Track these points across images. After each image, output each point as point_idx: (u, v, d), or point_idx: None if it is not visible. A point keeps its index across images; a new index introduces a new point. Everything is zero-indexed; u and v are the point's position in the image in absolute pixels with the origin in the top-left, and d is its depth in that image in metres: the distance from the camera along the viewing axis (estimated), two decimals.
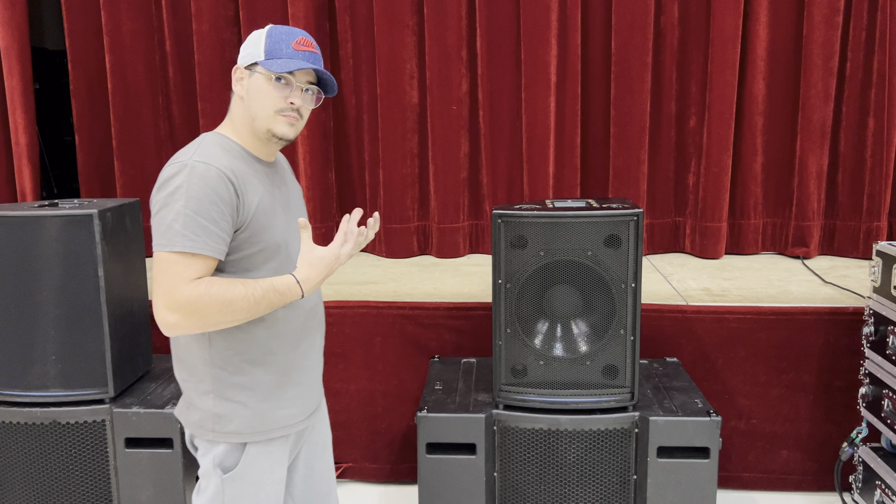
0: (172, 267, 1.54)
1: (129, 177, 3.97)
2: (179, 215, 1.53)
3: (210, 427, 1.71)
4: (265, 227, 1.65)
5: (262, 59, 1.64)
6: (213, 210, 1.54)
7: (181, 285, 1.53)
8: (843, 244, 3.79)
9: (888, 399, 2.53)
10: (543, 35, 3.68)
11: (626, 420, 2.43)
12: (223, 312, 1.55)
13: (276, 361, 1.72)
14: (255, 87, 1.65)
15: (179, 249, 1.53)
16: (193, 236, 1.53)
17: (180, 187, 1.54)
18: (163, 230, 1.55)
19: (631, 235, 2.33)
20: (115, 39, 3.85)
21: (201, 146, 1.62)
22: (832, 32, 3.58)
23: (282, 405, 1.74)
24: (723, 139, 3.69)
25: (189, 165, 1.56)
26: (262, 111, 1.65)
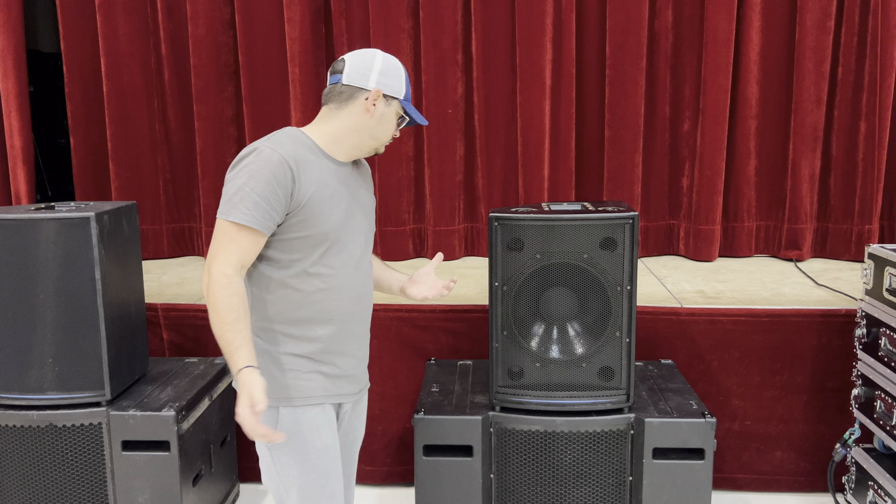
0: (225, 234, 1.74)
1: (125, 179, 3.97)
2: (240, 191, 1.73)
3: None
4: (317, 215, 1.80)
5: (402, 98, 1.90)
6: (268, 190, 1.72)
7: (222, 254, 1.74)
8: (835, 247, 3.82)
9: (881, 400, 2.56)
10: (538, 39, 3.70)
11: (622, 422, 2.44)
12: (212, 311, 1.73)
13: (308, 340, 1.86)
14: (385, 116, 1.88)
15: (233, 219, 1.73)
16: (246, 210, 1.72)
17: (246, 166, 1.74)
18: (224, 200, 1.75)
19: (626, 238, 2.34)
20: (110, 42, 3.86)
21: (275, 135, 1.83)
22: (824, 37, 3.62)
23: (307, 377, 1.86)
24: (716, 142, 3.72)
25: (258, 149, 1.76)
26: (383, 137, 1.91)
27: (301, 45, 3.76)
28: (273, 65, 3.86)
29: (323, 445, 1.87)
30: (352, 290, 1.91)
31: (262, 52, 3.85)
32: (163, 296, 3.30)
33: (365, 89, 1.84)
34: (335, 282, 1.86)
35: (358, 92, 1.85)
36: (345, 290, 1.89)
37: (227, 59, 3.90)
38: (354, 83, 1.84)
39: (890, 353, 2.50)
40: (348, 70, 1.85)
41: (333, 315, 1.88)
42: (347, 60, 1.87)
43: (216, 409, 2.85)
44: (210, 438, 2.79)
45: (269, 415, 1.83)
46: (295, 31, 3.75)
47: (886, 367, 2.52)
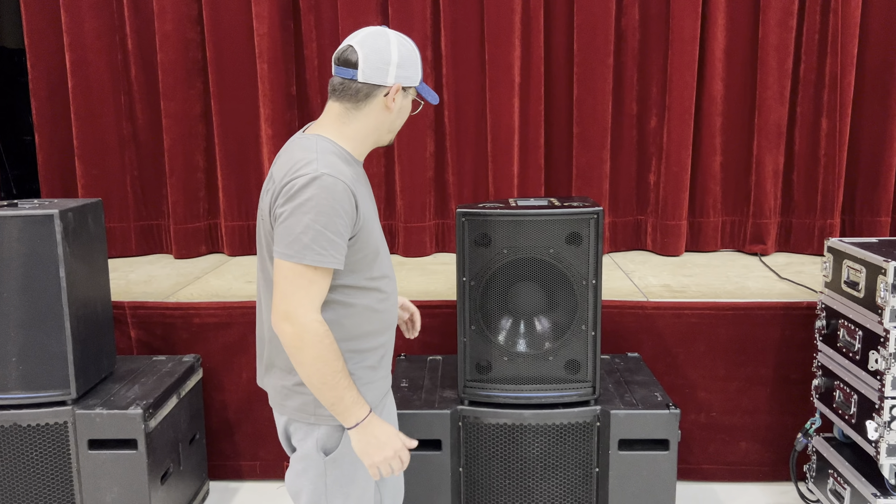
0: (299, 278, 1.62)
1: (91, 177, 3.93)
2: (309, 229, 1.60)
3: (312, 411, 1.76)
4: (369, 233, 1.75)
5: (417, 84, 1.80)
6: (339, 223, 1.62)
7: (303, 300, 1.62)
8: (798, 241, 3.90)
9: (839, 390, 2.62)
10: (507, 36, 3.73)
11: (588, 414, 2.48)
12: (318, 362, 1.64)
13: (374, 350, 1.82)
14: (405, 107, 1.81)
15: (309, 263, 1.61)
16: (321, 250, 1.61)
17: (310, 200, 1.60)
18: (291, 240, 1.61)
19: (591, 233, 2.37)
20: (75, 38, 3.81)
21: (322, 154, 1.67)
22: (786, 35, 3.69)
23: (373, 388, 1.83)
24: (682, 139, 3.78)
25: (319, 178, 1.61)
26: (395, 127, 1.82)
27: (269, 42, 3.75)
28: (241, 61, 3.84)
29: None
30: (395, 294, 1.91)
31: (231, 49, 3.83)
32: (130, 294, 3.27)
33: (385, 86, 1.74)
34: (389, 288, 1.85)
35: (376, 90, 1.73)
36: (394, 296, 1.89)
37: (194, 55, 3.88)
38: (372, 80, 1.72)
39: (848, 343, 2.56)
40: (364, 66, 1.70)
41: (391, 320, 1.88)
42: (360, 52, 1.71)
43: (185, 407, 2.84)
44: (178, 436, 2.78)
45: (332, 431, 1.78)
46: (263, 27, 3.73)
47: (844, 357, 2.58)
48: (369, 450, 1.71)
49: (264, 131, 3.85)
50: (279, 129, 3.83)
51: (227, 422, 3.17)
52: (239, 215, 3.99)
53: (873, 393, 2.39)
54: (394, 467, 1.73)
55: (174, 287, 3.38)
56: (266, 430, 3.17)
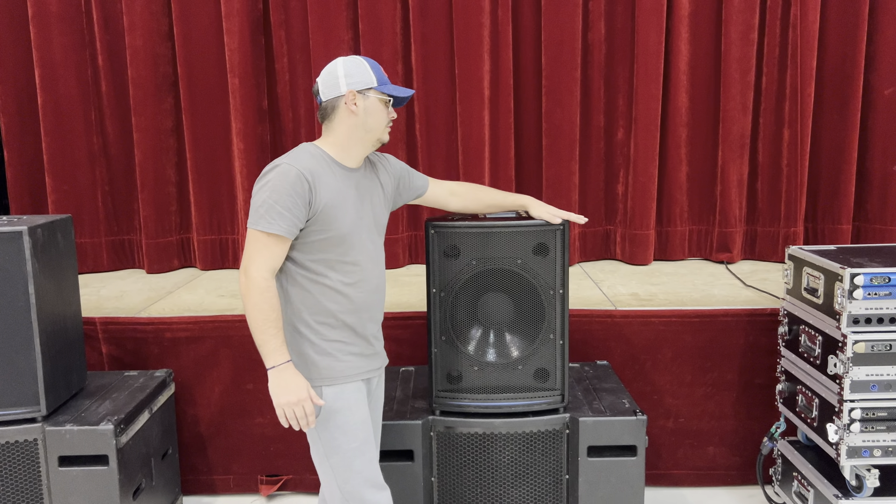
0: (255, 242, 2.00)
1: (62, 193, 3.91)
2: (264, 203, 1.97)
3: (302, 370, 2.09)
4: (333, 219, 2.05)
5: (376, 85, 2.11)
6: (288, 201, 1.97)
7: (256, 259, 1.99)
8: (763, 249, 3.99)
9: (802, 394, 2.69)
10: (476, 51, 3.78)
11: (558, 422, 2.52)
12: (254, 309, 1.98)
13: (340, 327, 2.11)
14: (371, 107, 2.11)
15: (261, 229, 1.98)
16: (271, 219, 1.97)
17: (269, 181, 1.99)
18: (252, 212, 2.00)
19: (558, 244, 2.42)
20: (44, 53, 3.80)
21: (294, 152, 2.08)
22: (748, 49, 3.78)
23: (342, 359, 2.12)
24: (649, 150, 3.85)
25: (279, 165, 2.01)
26: (377, 125, 2.13)
27: (240, 56, 3.77)
28: (212, 76, 3.86)
29: (361, 417, 2.13)
30: (371, 282, 2.16)
31: (201, 64, 3.84)
32: (101, 309, 3.26)
33: (340, 96, 2.08)
34: (357, 276, 2.12)
35: (337, 101, 2.09)
36: (366, 283, 2.14)
37: (165, 70, 3.88)
38: (330, 96, 2.10)
39: (808, 349, 2.63)
40: (321, 88, 2.11)
41: (359, 304, 2.13)
42: (319, 81, 2.13)
43: (157, 422, 2.83)
44: (150, 451, 2.77)
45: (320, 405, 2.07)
46: (234, 42, 3.75)
47: (806, 362, 2.65)
48: (277, 391, 2.00)
49: (236, 145, 3.86)
50: (251, 143, 3.85)
51: (200, 436, 3.16)
52: (211, 229, 3.99)
53: (833, 396, 2.46)
54: (296, 413, 2.00)
55: (146, 302, 3.38)
56: (240, 443, 3.17)
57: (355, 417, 2.12)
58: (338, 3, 3.76)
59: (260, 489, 3.17)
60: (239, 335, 3.09)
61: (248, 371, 3.11)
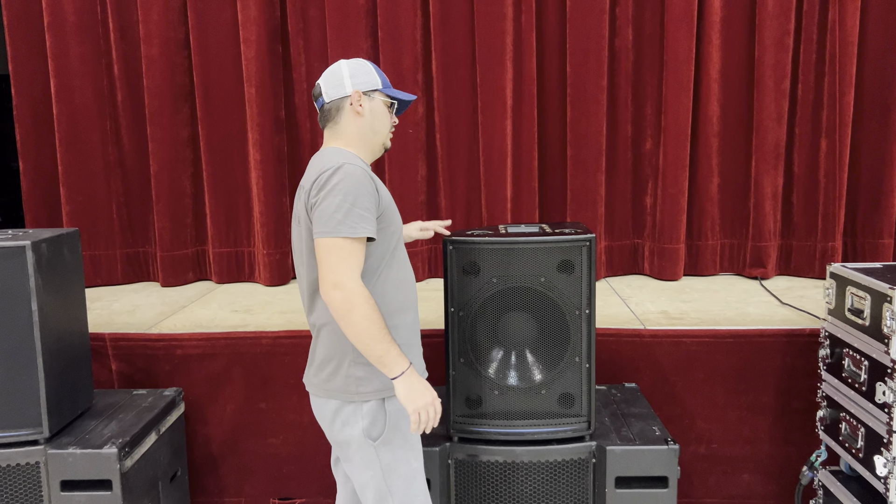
0: (339, 251, 1.84)
1: (76, 204, 3.85)
2: (340, 207, 1.83)
3: (354, 389, 1.95)
4: (392, 216, 2.00)
5: (381, 87, 2.03)
6: (364, 200, 1.87)
7: (347, 269, 1.83)
8: (799, 264, 3.81)
9: (845, 422, 2.51)
10: (499, 58, 3.66)
11: (584, 450, 2.37)
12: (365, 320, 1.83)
13: (405, 324, 2.02)
14: (377, 109, 2.04)
15: (345, 235, 1.83)
16: (353, 224, 1.84)
17: (338, 184, 1.85)
18: (325, 219, 1.84)
19: (584, 260, 2.29)
20: (60, 63, 3.75)
21: (339, 153, 1.95)
22: (783, 55, 3.62)
23: (411, 360, 1.96)
24: (679, 161, 3.70)
25: (341, 167, 1.87)
26: (383, 128, 2.05)
27: (258, 66, 3.69)
28: (229, 85, 3.78)
29: (418, 439, 2.04)
30: (413, 280, 2.09)
31: (218, 73, 3.77)
32: (112, 325, 3.18)
33: (346, 96, 2.00)
34: (408, 272, 2.06)
35: (342, 101, 2.01)
36: (412, 280, 2.08)
37: (181, 79, 3.81)
38: (335, 97, 2.01)
39: (853, 373, 2.46)
40: (324, 89, 2.02)
41: (412, 301, 2.06)
42: (321, 82, 2.04)
43: (165, 443, 2.73)
44: (158, 474, 2.67)
45: (377, 413, 1.95)
46: (251, 51, 3.67)
47: (850, 388, 2.48)
48: (413, 395, 1.88)
49: (252, 156, 3.77)
50: (267, 154, 3.76)
51: (211, 457, 3.06)
52: (227, 242, 3.91)
53: (881, 426, 2.29)
54: (430, 415, 1.89)
55: (158, 317, 3.29)
56: (252, 464, 3.06)
57: (416, 440, 2.03)
58: (357, 11, 3.67)
59: None
60: (251, 352, 2.99)
61: (261, 389, 3.00)
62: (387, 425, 1.95)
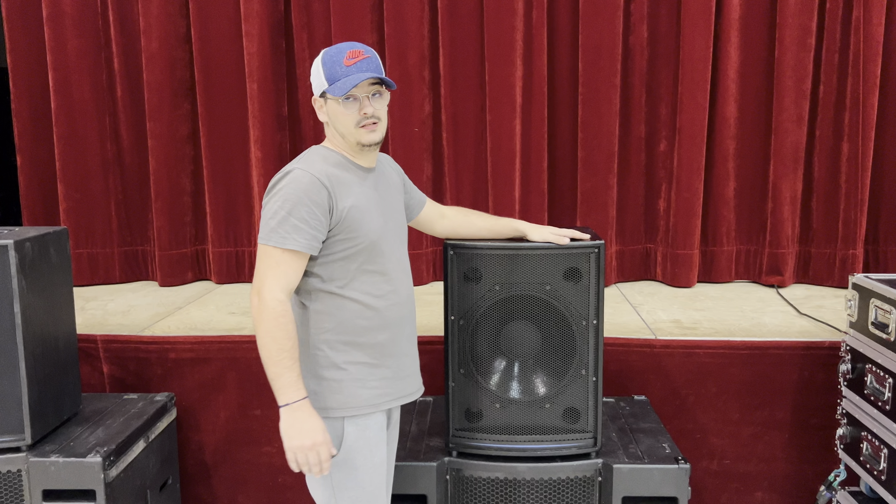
0: (268, 259, 1.78)
1: (74, 201, 3.76)
2: (276, 214, 1.76)
3: (318, 404, 1.83)
4: (360, 226, 1.83)
5: (327, 86, 1.85)
6: (303, 211, 1.75)
7: (269, 279, 1.76)
8: (818, 272, 3.67)
9: (867, 442, 2.38)
10: (508, 55, 3.54)
11: (589, 468, 2.25)
12: (267, 336, 1.75)
13: (371, 346, 1.88)
14: (332, 111, 1.87)
15: (273, 244, 1.76)
16: (285, 234, 1.75)
17: (280, 190, 1.78)
18: (263, 224, 1.79)
19: (592, 268, 2.17)
20: (58, 56, 3.66)
21: (304, 155, 1.89)
22: (804, 55, 3.48)
23: (370, 385, 1.88)
24: (694, 163, 3.57)
25: (290, 171, 1.80)
26: (345, 129, 1.87)
27: (260, 61, 3.59)
28: (230, 81, 3.68)
29: (379, 459, 1.91)
30: (402, 294, 1.95)
31: (219, 68, 3.67)
32: (105, 326, 3.09)
33: None
34: (389, 287, 1.90)
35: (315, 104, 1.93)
36: (397, 295, 1.93)
37: (182, 74, 3.72)
38: None
39: (876, 391, 2.33)
40: None
41: (390, 320, 1.91)
42: None
43: (154, 451, 2.63)
44: (146, 483, 2.57)
45: (334, 429, 1.85)
46: (253, 45, 3.57)
47: (873, 406, 2.35)
48: (290, 432, 1.76)
49: (254, 154, 3.67)
50: (269, 152, 3.66)
51: (204, 465, 2.96)
52: (227, 241, 3.81)
53: None
54: (309, 460, 1.76)
55: (152, 318, 3.19)
56: (246, 472, 2.96)
57: (374, 459, 1.89)
58: (362, 4, 3.56)
59: None
60: (246, 357, 2.89)
61: (256, 396, 2.90)
62: (343, 447, 1.85)
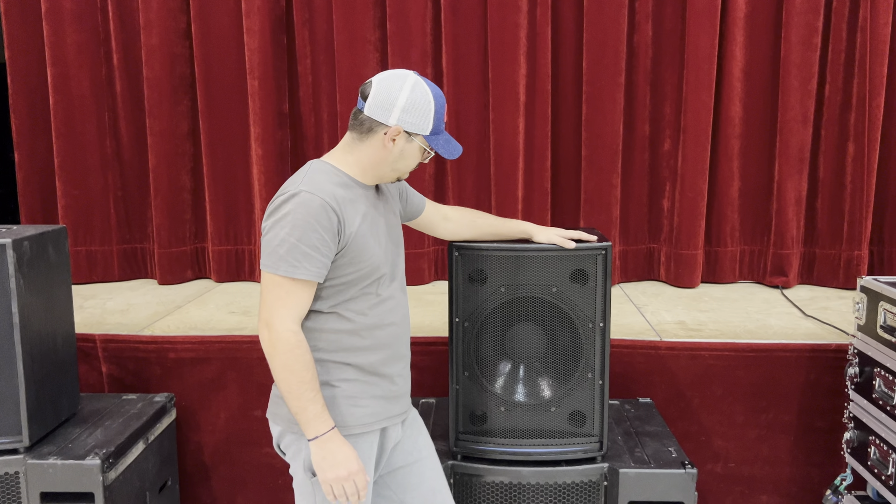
0: (277, 289, 1.70)
1: (72, 198, 3.72)
2: (284, 242, 1.68)
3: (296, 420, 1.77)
4: (364, 249, 1.77)
5: (428, 134, 1.79)
6: (314, 237, 1.68)
7: (279, 310, 1.70)
8: (822, 273, 3.64)
9: (875, 447, 2.36)
10: (512, 53, 3.51)
11: (595, 472, 2.22)
12: (285, 370, 1.70)
13: (362, 364, 1.82)
14: (409, 152, 1.80)
15: (283, 273, 1.68)
16: (295, 262, 1.68)
17: (287, 215, 1.68)
18: (269, 252, 1.70)
19: (599, 270, 2.14)
20: (57, 52, 3.62)
21: (308, 174, 1.76)
22: (810, 54, 3.45)
23: (362, 404, 1.82)
24: (698, 163, 3.53)
25: (296, 194, 1.69)
26: (404, 168, 1.83)
27: (261, 57, 3.55)
28: (231, 77, 3.64)
29: (370, 480, 1.85)
30: (399, 313, 1.91)
31: (220, 64, 3.63)
32: (104, 325, 3.05)
33: (385, 124, 1.76)
34: (385, 307, 1.85)
35: (378, 126, 1.77)
36: (394, 314, 1.88)
37: (182, 70, 3.68)
38: (375, 116, 1.77)
39: (885, 395, 2.30)
40: (371, 100, 1.77)
41: (387, 340, 1.86)
42: (373, 86, 1.78)
43: (153, 452, 2.60)
44: (146, 486, 2.54)
45: None
46: (254, 41, 3.53)
47: (881, 410, 2.32)
48: (323, 465, 1.73)
49: (254, 151, 3.63)
50: (270, 149, 3.62)
51: (204, 465, 2.93)
52: (227, 239, 3.77)
53: None
54: (347, 490, 1.74)
55: (152, 317, 3.16)
56: (246, 474, 2.93)
57: None
58: (365, 1, 3.52)
59: None
60: (247, 357, 2.86)
61: (257, 396, 2.87)
62: None
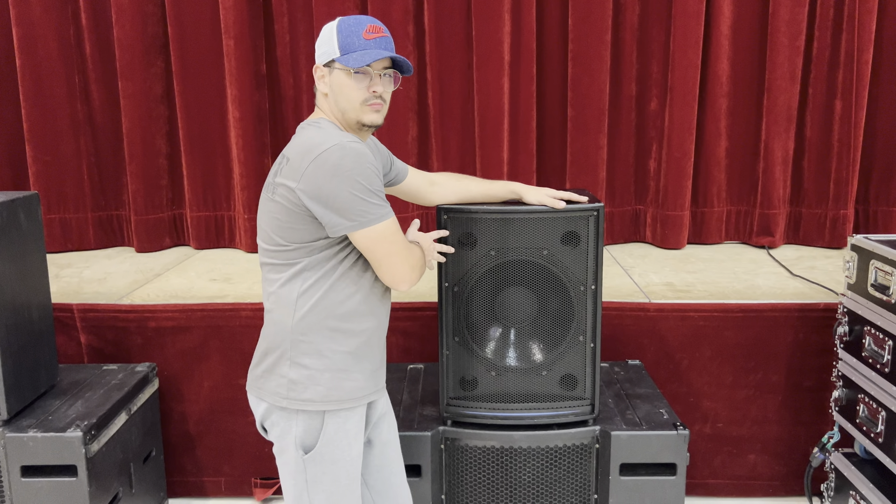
0: (391, 236, 1.70)
1: (44, 164, 3.60)
2: (355, 196, 1.63)
3: (285, 394, 1.74)
4: None
5: (339, 55, 1.72)
6: (377, 182, 1.68)
7: (406, 250, 1.73)
8: (808, 232, 3.63)
9: (864, 404, 2.36)
10: (496, 10, 3.41)
11: (587, 435, 2.21)
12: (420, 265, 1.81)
13: (357, 334, 1.78)
14: (337, 83, 1.74)
15: (377, 223, 1.66)
16: (377, 208, 1.67)
17: (351, 169, 1.63)
18: (342, 214, 1.64)
19: (591, 232, 2.09)
20: (22, 11, 3.47)
21: (323, 131, 1.70)
22: (799, 10, 3.39)
23: (353, 377, 1.78)
24: (685, 122, 3.49)
25: (340, 145, 1.64)
26: (348, 104, 1.74)
27: (236, 16, 3.42)
28: (206, 37, 3.51)
29: (357, 452, 1.82)
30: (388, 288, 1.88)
31: (194, 23, 3.50)
32: (81, 294, 2.97)
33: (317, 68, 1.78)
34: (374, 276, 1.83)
35: (316, 73, 1.79)
36: (383, 286, 1.84)
37: (154, 30, 3.54)
38: None
39: (875, 353, 2.30)
40: None
41: (377, 306, 1.82)
42: None
43: (136, 423, 2.55)
44: (129, 456, 2.49)
45: (312, 421, 1.75)
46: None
47: (871, 369, 2.32)
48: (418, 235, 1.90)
49: (231, 113, 3.53)
50: (247, 111, 3.51)
51: (188, 435, 2.88)
52: (205, 205, 3.68)
53: None
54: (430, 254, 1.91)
55: (130, 286, 3.08)
56: (231, 443, 2.89)
57: (352, 453, 1.80)
58: None
59: (254, 493, 2.90)
60: (229, 325, 2.80)
61: (240, 365, 2.81)
62: (320, 440, 1.75)
